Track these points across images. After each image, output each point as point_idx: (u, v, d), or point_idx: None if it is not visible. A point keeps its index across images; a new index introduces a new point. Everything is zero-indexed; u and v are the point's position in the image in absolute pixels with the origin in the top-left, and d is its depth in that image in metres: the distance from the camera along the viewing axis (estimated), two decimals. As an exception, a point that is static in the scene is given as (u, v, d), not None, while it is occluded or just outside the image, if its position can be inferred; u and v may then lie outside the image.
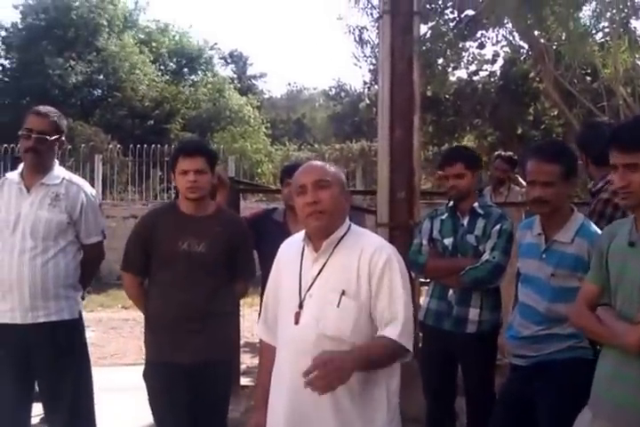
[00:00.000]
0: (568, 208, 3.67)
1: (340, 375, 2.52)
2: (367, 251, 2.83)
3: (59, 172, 4.14)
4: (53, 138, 4.08)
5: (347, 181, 3.02)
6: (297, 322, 2.85)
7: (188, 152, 3.91)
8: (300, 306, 2.86)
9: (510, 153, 7.97)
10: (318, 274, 2.86)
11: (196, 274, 3.85)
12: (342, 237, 2.88)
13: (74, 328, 4.11)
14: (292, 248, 3.03)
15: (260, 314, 3.28)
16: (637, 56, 8.36)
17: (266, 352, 3.13)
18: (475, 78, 16.20)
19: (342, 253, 2.85)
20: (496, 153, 8.35)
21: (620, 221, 2.97)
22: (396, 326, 2.76)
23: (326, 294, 2.82)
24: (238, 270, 4.02)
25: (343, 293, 2.79)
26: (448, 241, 4.34)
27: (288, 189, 4.58)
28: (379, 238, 3.05)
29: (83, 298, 4.27)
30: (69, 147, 15.03)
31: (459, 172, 4.30)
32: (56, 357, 3.96)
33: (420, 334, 4.52)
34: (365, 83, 17.77)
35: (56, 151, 4.16)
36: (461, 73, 15.12)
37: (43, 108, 4.15)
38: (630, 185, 2.68)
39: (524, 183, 7.18)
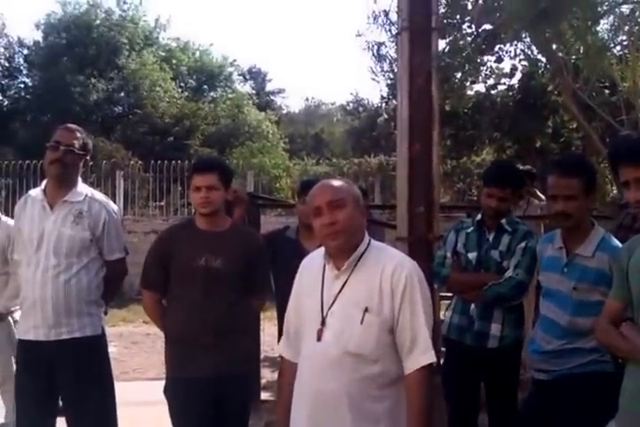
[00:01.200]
0: (589, 222, 3.67)
1: None
2: (388, 267, 2.85)
3: (82, 189, 4.18)
4: (80, 153, 4.13)
5: (364, 194, 3.02)
6: (319, 339, 2.87)
7: (201, 169, 3.96)
8: (323, 323, 2.87)
9: (529, 167, 7.96)
10: (340, 291, 2.87)
11: (214, 289, 3.87)
12: (362, 254, 2.90)
13: (97, 344, 4.13)
14: (313, 265, 3.05)
15: (279, 329, 3.31)
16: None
17: (286, 369, 3.13)
18: (493, 92, 16.21)
19: (363, 269, 2.87)
20: (514, 167, 8.33)
21: (637, 236, 2.97)
22: (418, 354, 2.82)
23: (349, 311, 2.83)
24: (255, 285, 4.04)
25: (366, 309, 2.80)
26: (472, 255, 4.33)
27: (303, 205, 4.61)
28: (399, 253, 3.05)
29: (105, 313, 4.30)
30: (91, 163, 15.14)
31: (505, 195, 4.28)
32: (79, 372, 3.98)
33: (443, 349, 4.52)
34: (383, 97, 17.85)
35: (80, 168, 4.20)
36: (479, 87, 15.17)
37: (72, 126, 4.22)
38: None
39: (542, 197, 7.17)
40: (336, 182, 2.97)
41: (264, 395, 6.34)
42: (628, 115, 8.09)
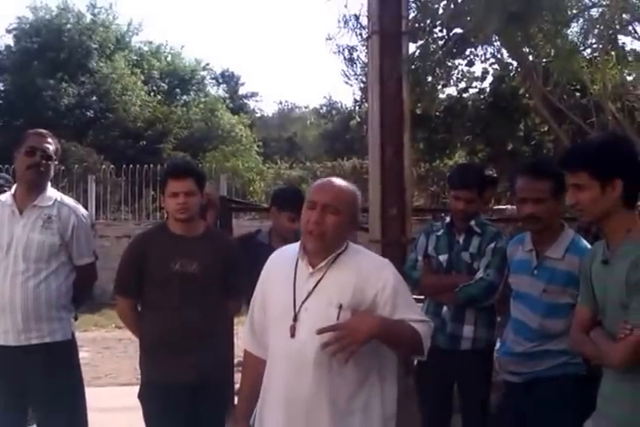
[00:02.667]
0: (558, 224, 3.70)
1: (355, 338, 2.61)
2: (369, 267, 2.88)
3: (51, 193, 4.15)
4: (55, 157, 4.11)
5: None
6: (293, 335, 2.86)
7: (178, 175, 3.94)
8: (295, 319, 2.87)
9: (489, 172, 7.98)
10: (314, 288, 2.87)
11: (190, 294, 3.87)
12: (340, 254, 2.90)
13: (67, 349, 4.11)
14: (284, 260, 3.03)
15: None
16: (625, 72, 8.40)
17: (252, 364, 3.14)
18: (464, 95, 16.27)
19: (339, 268, 2.86)
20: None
21: (598, 242, 3.03)
22: (418, 325, 2.81)
23: (324, 309, 2.82)
24: (230, 289, 4.04)
25: (341, 307, 2.80)
26: (443, 258, 4.35)
27: (287, 222, 4.58)
28: (379, 257, 3.08)
29: (76, 319, 4.27)
30: (63, 167, 15.04)
31: (471, 197, 4.30)
32: (49, 378, 3.96)
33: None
34: (356, 101, 17.82)
35: (51, 173, 4.19)
36: (451, 90, 15.20)
37: (42, 130, 4.19)
38: (579, 203, 2.81)
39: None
40: (344, 187, 2.91)
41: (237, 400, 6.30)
42: (599, 117, 8.14)
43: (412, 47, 5.85)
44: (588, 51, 8.19)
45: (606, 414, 2.78)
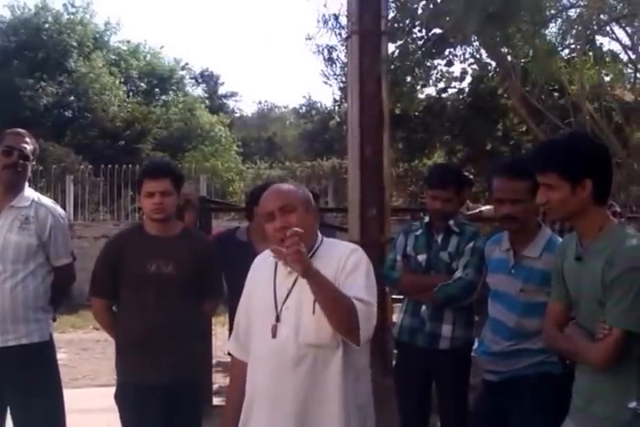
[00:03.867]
0: (536, 223, 3.71)
1: (298, 250, 2.62)
2: (340, 254, 2.90)
3: (28, 193, 4.12)
4: (32, 157, 4.09)
5: (315, 198, 3.04)
6: (274, 335, 2.87)
7: (153, 174, 3.92)
8: (277, 319, 2.88)
9: (466, 173, 8.02)
10: (293, 286, 2.88)
11: (165, 295, 3.85)
12: (316, 249, 2.94)
13: (45, 351, 4.08)
14: (263, 265, 3.06)
15: (230, 333, 3.30)
16: (603, 72, 8.46)
17: (237, 369, 3.13)
18: (444, 95, 16.29)
19: (316, 262, 2.85)
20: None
21: (568, 236, 3.05)
22: (357, 302, 2.75)
23: (302, 304, 2.84)
24: (208, 288, 4.03)
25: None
26: (421, 257, 4.35)
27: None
28: (351, 244, 3.11)
29: (54, 320, 4.24)
30: (41, 168, 14.94)
31: (449, 196, 4.28)
32: (27, 379, 3.93)
33: (395, 351, 4.52)
34: (336, 100, 17.82)
35: (29, 174, 4.16)
36: (430, 90, 15.22)
37: (20, 130, 4.16)
38: (549, 202, 2.86)
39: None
40: (285, 187, 3.03)
41: (216, 400, 6.30)
42: (576, 117, 8.18)
43: (391, 47, 5.87)
44: (566, 51, 8.23)
45: (591, 413, 2.78)
